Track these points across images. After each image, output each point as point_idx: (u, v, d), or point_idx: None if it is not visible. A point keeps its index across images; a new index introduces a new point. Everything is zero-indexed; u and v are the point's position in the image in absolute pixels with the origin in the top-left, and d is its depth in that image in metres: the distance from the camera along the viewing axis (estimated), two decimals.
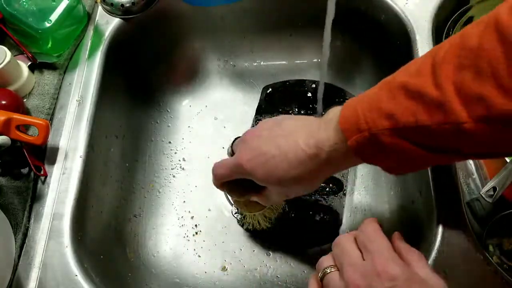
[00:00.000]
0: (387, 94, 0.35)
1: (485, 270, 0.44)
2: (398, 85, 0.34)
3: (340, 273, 0.36)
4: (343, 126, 0.37)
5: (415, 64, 0.35)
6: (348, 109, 0.37)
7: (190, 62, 0.77)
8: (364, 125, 0.35)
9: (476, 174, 0.54)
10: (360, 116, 0.36)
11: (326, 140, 0.39)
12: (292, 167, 0.41)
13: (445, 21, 0.62)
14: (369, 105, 0.36)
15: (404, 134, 0.34)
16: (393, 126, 0.34)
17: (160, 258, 0.63)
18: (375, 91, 0.37)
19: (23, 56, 0.60)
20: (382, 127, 0.34)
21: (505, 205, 0.50)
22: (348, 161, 0.40)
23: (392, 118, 0.34)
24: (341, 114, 0.38)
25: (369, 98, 0.36)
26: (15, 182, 0.52)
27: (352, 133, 0.36)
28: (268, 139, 0.43)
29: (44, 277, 0.49)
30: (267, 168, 0.42)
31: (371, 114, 0.35)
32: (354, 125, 0.36)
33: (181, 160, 0.72)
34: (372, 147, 0.36)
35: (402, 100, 0.34)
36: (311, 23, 0.71)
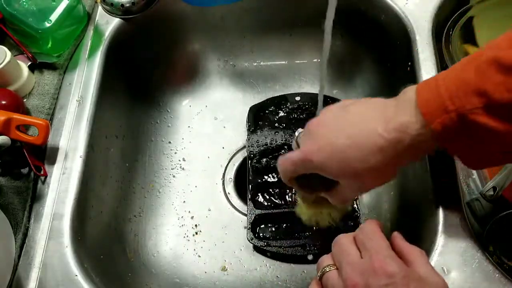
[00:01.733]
0: (475, 70, 0.32)
1: (485, 270, 0.44)
2: (488, 60, 0.31)
3: (338, 272, 0.36)
4: (423, 108, 0.34)
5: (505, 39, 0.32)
6: (427, 89, 0.34)
7: (190, 62, 0.77)
8: (451, 105, 0.32)
9: (476, 174, 0.54)
10: (444, 95, 0.32)
11: (410, 123, 0.35)
12: (371, 156, 0.37)
13: (445, 21, 0.61)
14: (454, 83, 0.32)
15: (498, 112, 0.31)
16: (485, 104, 0.31)
17: (160, 258, 0.63)
18: (458, 68, 0.33)
19: (23, 56, 0.60)
20: (472, 105, 0.31)
21: (505, 205, 0.50)
22: (430, 148, 0.36)
23: (484, 95, 0.31)
24: (418, 96, 0.34)
25: (452, 75, 0.33)
26: (15, 182, 0.52)
27: (436, 115, 0.33)
28: (337, 128, 0.39)
29: (44, 277, 0.48)
30: (340, 160, 0.38)
31: (458, 92, 0.32)
32: (438, 106, 0.33)
33: (181, 160, 0.72)
34: (460, 130, 0.33)
35: (494, 75, 0.31)
36: (311, 23, 0.71)
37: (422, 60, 0.57)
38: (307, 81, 0.77)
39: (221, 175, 0.70)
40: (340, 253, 0.36)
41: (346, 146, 0.38)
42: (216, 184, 0.69)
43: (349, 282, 0.34)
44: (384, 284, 0.32)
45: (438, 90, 0.33)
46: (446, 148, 0.36)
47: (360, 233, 0.37)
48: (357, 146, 0.37)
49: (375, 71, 0.72)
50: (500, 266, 0.45)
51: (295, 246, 0.60)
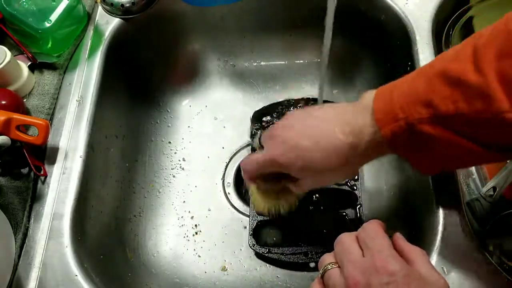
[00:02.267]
0: (425, 81, 0.33)
1: (485, 270, 0.44)
2: (436, 72, 0.33)
3: (340, 270, 0.36)
4: (376, 114, 0.35)
5: (454, 50, 0.33)
6: (382, 97, 0.36)
7: (190, 62, 0.77)
8: (401, 114, 0.34)
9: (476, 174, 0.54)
10: (395, 104, 0.34)
11: (364, 128, 0.37)
12: (330, 158, 0.39)
13: (445, 21, 0.62)
14: (405, 93, 0.34)
15: (442, 122, 0.33)
16: (432, 115, 0.32)
17: (160, 258, 0.63)
18: (410, 79, 0.35)
19: (23, 56, 0.60)
20: (420, 115, 0.33)
21: (505, 205, 0.50)
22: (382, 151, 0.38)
23: (431, 106, 0.32)
24: (375, 103, 0.36)
25: (405, 85, 0.35)
26: (15, 182, 0.52)
27: (387, 122, 0.35)
28: (301, 131, 0.41)
29: (44, 277, 0.48)
30: (303, 161, 0.40)
31: (408, 102, 0.33)
32: (389, 114, 0.34)
33: (181, 160, 0.72)
34: (407, 138, 0.34)
35: (441, 87, 0.32)
36: (311, 23, 0.71)
37: (422, 60, 0.57)
38: (307, 81, 0.77)
39: (221, 175, 0.70)
40: (342, 252, 0.37)
41: (309, 147, 0.40)
42: (216, 184, 0.69)
43: (350, 280, 0.34)
44: (385, 283, 0.32)
45: (391, 98, 0.35)
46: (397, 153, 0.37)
47: (363, 232, 0.37)
48: (318, 147, 0.39)
49: (375, 71, 0.72)
50: (500, 266, 0.45)
51: (297, 253, 0.59)
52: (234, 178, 0.70)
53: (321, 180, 0.44)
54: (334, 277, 0.36)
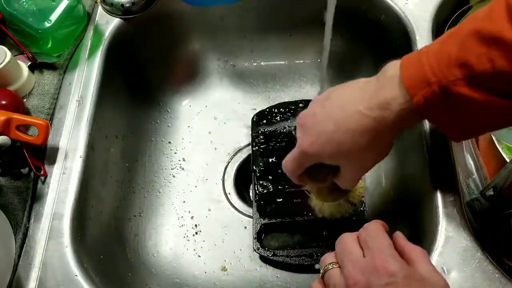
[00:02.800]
0: (457, 42, 0.32)
1: (485, 270, 0.44)
2: (469, 32, 0.31)
3: (341, 270, 0.36)
4: (407, 82, 0.34)
5: (484, 10, 0.32)
6: (410, 62, 0.35)
7: (190, 62, 0.77)
8: (433, 78, 0.32)
9: (476, 174, 0.54)
10: (426, 68, 0.33)
11: (392, 99, 0.36)
12: (359, 136, 0.38)
13: (445, 21, 0.61)
14: (436, 55, 0.33)
15: (479, 83, 0.31)
16: (467, 75, 0.31)
17: (160, 258, 0.63)
18: (439, 42, 0.34)
19: (23, 56, 0.60)
20: (454, 77, 0.31)
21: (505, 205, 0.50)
22: (414, 120, 0.37)
23: (465, 66, 0.31)
24: (402, 69, 0.35)
25: (434, 49, 0.34)
26: (15, 182, 0.52)
27: (418, 88, 0.33)
28: (324, 116, 0.40)
29: (44, 277, 0.48)
30: (333, 146, 0.39)
31: (440, 64, 0.32)
32: (420, 79, 0.33)
33: (181, 160, 0.72)
34: (442, 102, 0.33)
35: (475, 47, 0.31)
36: (311, 23, 0.71)
37: None
38: (307, 81, 0.77)
39: (221, 175, 0.70)
40: (343, 251, 0.37)
41: (334, 131, 0.39)
42: (216, 184, 0.69)
43: (350, 280, 0.34)
44: (385, 283, 0.32)
45: (421, 63, 0.34)
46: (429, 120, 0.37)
47: (364, 232, 0.37)
48: (344, 129, 0.38)
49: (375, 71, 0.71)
50: (500, 266, 0.45)
51: (302, 255, 0.59)
52: (234, 178, 0.70)
53: (359, 164, 0.42)
54: (334, 277, 0.36)
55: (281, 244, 0.61)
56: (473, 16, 0.33)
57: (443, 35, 0.35)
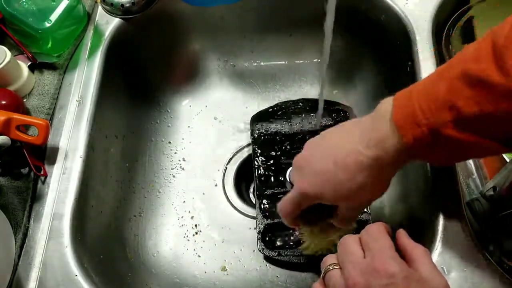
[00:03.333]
0: (445, 84, 0.33)
1: (485, 270, 0.44)
2: (457, 74, 0.32)
3: (341, 271, 0.36)
4: (398, 122, 0.34)
5: (472, 49, 0.32)
6: (402, 104, 0.35)
7: (190, 62, 0.77)
8: (423, 119, 0.33)
9: (476, 174, 0.54)
10: (416, 109, 0.33)
11: (387, 138, 0.36)
12: (357, 174, 0.38)
13: (445, 21, 0.62)
14: (426, 97, 0.33)
15: (467, 125, 0.32)
16: (455, 117, 0.32)
17: (160, 258, 0.63)
18: (429, 82, 0.34)
19: (23, 56, 0.60)
20: (443, 119, 0.32)
21: (505, 205, 0.50)
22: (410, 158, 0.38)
23: (454, 109, 0.31)
24: (395, 109, 0.35)
25: (424, 89, 0.34)
26: (15, 182, 0.52)
27: (409, 129, 0.34)
28: (321, 156, 0.41)
29: (44, 277, 0.48)
30: (332, 185, 0.40)
31: (429, 105, 0.33)
32: (410, 120, 0.34)
33: (181, 160, 0.72)
34: (429, 142, 0.34)
35: (463, 89, 0.31)
36: (311, 23, 0.71)
37: (422, 60, 0.57)
38: (307, 81, 0.77)
39: (221, 175, 0.70)
40: (344, 253, 0.37)
41: (333, 170, 0.39)
42: (216, 184, 0.69)
43: (350, 281, 0.34)
44: (384, 284, 0.32)
45: (411, 103, 0.34)
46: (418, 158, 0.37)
47: (365, 234, 0.37)
48: (343, 168, 0.39)
49: (375, 71, 0.72)
50: (500, 266, 0.45)
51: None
52: (234, 178, 0.70)
53: (357, 203, 0.43)
54: (335, 278, 0.36)
55: (285, 244, 0.61)
56: (462, 54, 0.34)
57: (433, 73, 0.35)
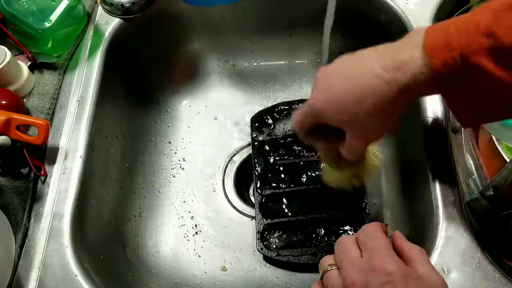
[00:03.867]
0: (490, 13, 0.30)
1: (485, 270, 0.44)
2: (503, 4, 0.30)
3: (339, 271, 0.36)
4: (429, 44, 0.32)
5: None
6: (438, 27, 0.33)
7: (190, 62, 0.77)
8: (456, 43, 0.30)
9: (476, 174, 0.54)
10: (452, 33, 0.31)
11: (409, 60, 0.34)
12: (364, 98, 0.36)
13: None
14: (465, 22, 0.31)
15: (503, 57, 0.30)
16: (492, 45, 0.29)
17: (160, 258, 0.63)
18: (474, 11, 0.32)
19: (23, 56, 0.60)
20: (479, 45, 0.30)
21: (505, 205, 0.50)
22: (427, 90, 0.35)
23: (493, 37, 0.29)
24: (427, 31, 0.33)
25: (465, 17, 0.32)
26: (15, 182, 0.52)
27: (439, 52, 0.31)
28: (338, 73, 0.39)
29: (44, 277, 0.48)
30: (337, 105, 0.38)
31: (467, 31, 0.30)
32: (443, 43, 0.31)
33: (181, 160, 0.72)
34: (459, 72, 0.31)
35: (508, 19, 0.29)
36: (311, 23, 0.71)
37: None
38: (307, 81, 0.77)
39: (221, 175, 0.70)
40: (341, 253, 0.37)
41: (342, 89, 0.37)
42: (216, 184, 0.69)
43: (348, 280, 0.34)
44: (383, 282, 0.32)
45: (447, 29, 0.32)
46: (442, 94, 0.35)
47: (362, 234, 0.37)
48: (351, 88, 0.37)
49: None
50: (500, 266, 0.45)
51: (306, 254, 0.58)
52: (234, 178, 0.70)
53: (363, 131, 0.40)
54: (333, 278, 0.36)
55: (284, 244, 0.60)
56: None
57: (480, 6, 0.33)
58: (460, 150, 0.56)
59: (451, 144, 0.53)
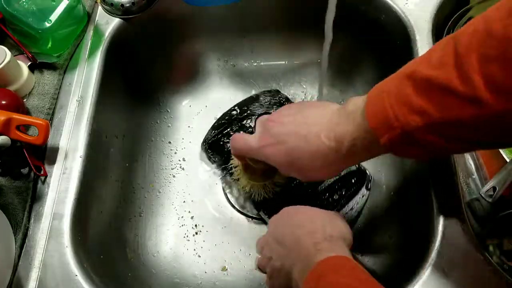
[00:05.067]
0: (414, 88, 0.33)
1: (485, 270, 0.44)
2: (422, 79, 0.33)
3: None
4: (373, 124, 0.36)
5: (436, 53, 0.33)
6: (375, 104, 0.36)
7: (190, 62, 0.77)
8: (396, 123, 0.34)
9: (476, 174, 0.54)
10: (389, 112, 0.34)
11: (346, 134, 0.39)
12: (315, 159, 0.41)
13: (445, 21, 0.62)
14: (396, 100, 0.34)
15: (436, 129, 0.33)
16: (425, 122, 0.33)
17: (160, 258, 0.63)
18: (398, 83, 0.35)
19: (23, 56, 0.60)
20: (415, 123, 0.33)
21: (505, 205, 0.50)
22: (372, 153, 0.40)
23: (424, 114, 0.33)
24: (367, 110, 0.37)
25: (394, 91, 0.35)
26: (15, 182, 0.52)
27: (384, 130, 0.35)
28: (291, 128, 0.43)
29: (44, 277, 0.48)
30: (289, 157, 0.43)
31: (401, 110, 0.34)
32: (384, 122, 0.35)
33: (181, 160, 0.72)
34: (404, 142, 0.35)
35: (430, 95, 0.32)
36: (311, 23, 0.71)
37: None
38: (307, 81, 0.78)
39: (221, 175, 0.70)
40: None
41: (296, 146, 0.42)
42: (216, 184, 0.69)
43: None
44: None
45: (383, 104, 0.35)
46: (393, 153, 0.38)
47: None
48: (304, 148, 0.41)
49: (375, 71, 0.72)
50: (500, 266, 0.45)
51: None
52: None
53: (305, 176, 0.45)
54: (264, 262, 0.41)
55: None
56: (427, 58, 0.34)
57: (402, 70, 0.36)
58: None
59: None
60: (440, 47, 0.34)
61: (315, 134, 0.41)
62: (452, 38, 0.33)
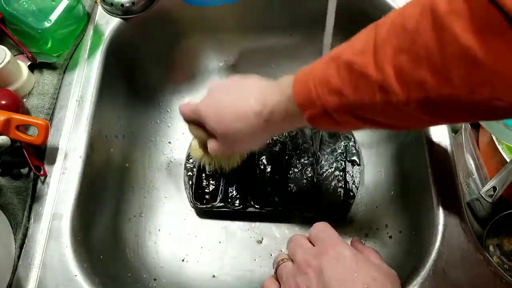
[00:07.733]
0: (336, 70, 0.36)
1: (485, 270, 0.44)
2: (345, 63, 0.36)
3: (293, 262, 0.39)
4: (298, 101, 0.40)
5: (360, 41, 0.36)
6: (301, 82, 0.40)
7: (190, 62, 0.77)
8: (317, 101, 0.38)
9: (476, 174, 0.54)
10: (312, 91, 0.38)
11: (273, 101, 0.42)
12: (237, 120, 0.44)
13: None
14: (320, 80, 0.38)
15: (351, 110, 0.36)
16: (342, 104, 0.36)
17: (160, 258, 0.63)
18: (324, 65, 0.38)
19: (23, 56, 0.60)
20: (333, 103, 0.37)
21: (505, 205, 0.50)
22: (293, 124, 0.44)
23: (341, 95, 0.36)
24: (295, 87, 0.40)
25: (320, 72, 0.38)
26: (15, 182, 0.52)
27: (306, 107, 0.39)
28: (228, 92, 0.47)
29: (44, 277, 0.48)
30: (218, 116, 0.46)
31: (322, 90, 0.37)
32: (307, 99, 0.39)
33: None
34: (323, 118, 0.39)
35: (348, 78, 0.35)
36: (311, 23, 0.71)
37: None
38: None
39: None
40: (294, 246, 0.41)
41: (225, 108, 0.46)
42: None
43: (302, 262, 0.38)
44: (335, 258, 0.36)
45: (308, 84, 0.39)
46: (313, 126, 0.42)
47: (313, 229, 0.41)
48: (233, 108, 0.45)
49: None
50: (500, 266, 0.45)
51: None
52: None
53: (229, 143, 0.48)
54: (286, 267, 0.39)
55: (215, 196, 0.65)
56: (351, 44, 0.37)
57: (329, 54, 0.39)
58: (460, 150, 0.56)
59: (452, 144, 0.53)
60: (363, 36, 0.37)
61: (245, 98, 0.44)
62: (374, 27, 0.35)
